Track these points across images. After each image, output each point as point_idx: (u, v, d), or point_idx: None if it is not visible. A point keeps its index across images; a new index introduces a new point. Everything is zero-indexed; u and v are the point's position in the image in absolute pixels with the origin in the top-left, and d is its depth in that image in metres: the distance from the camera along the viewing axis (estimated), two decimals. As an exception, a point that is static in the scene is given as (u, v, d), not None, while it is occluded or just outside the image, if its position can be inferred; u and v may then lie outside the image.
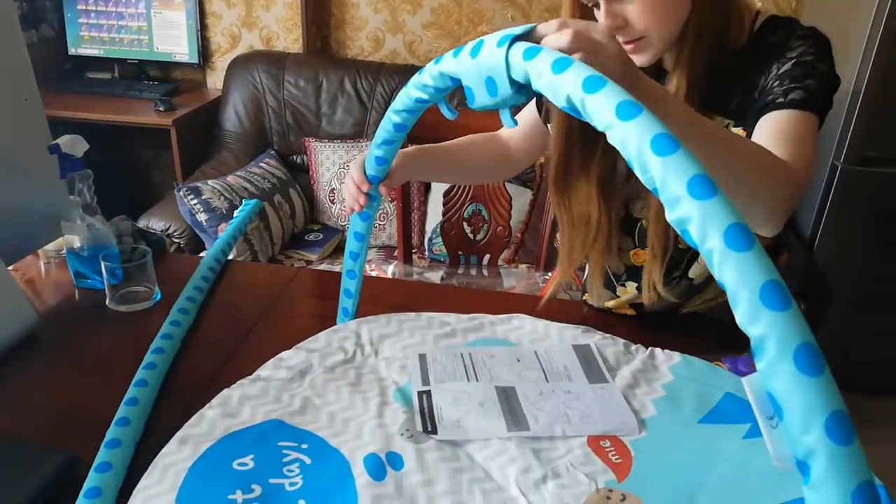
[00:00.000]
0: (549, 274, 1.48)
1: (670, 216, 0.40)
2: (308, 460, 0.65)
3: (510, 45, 0.52)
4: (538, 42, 0.53)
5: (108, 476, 0.63)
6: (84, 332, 0.94)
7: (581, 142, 0.86)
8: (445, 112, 0.65)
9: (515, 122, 0.58)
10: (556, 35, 0.53)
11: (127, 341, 0.92)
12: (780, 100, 0.74)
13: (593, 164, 0.87)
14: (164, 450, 0.66)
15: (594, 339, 0.86)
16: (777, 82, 0.76)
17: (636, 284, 0.96)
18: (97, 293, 0.99)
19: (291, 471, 0.64)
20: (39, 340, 0.90)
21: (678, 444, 0.68)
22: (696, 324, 1.01)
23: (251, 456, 0.65)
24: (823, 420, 0.33)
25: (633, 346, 0.85)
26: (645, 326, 0.98)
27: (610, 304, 1.01)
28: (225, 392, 0.74)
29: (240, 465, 0.64)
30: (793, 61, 0.77)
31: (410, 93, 0.65)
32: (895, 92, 1.73)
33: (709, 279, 0.95)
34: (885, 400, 2.05)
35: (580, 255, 0.93)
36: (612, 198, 0.90)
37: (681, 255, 0.93)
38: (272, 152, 2.33)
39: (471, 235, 1.59)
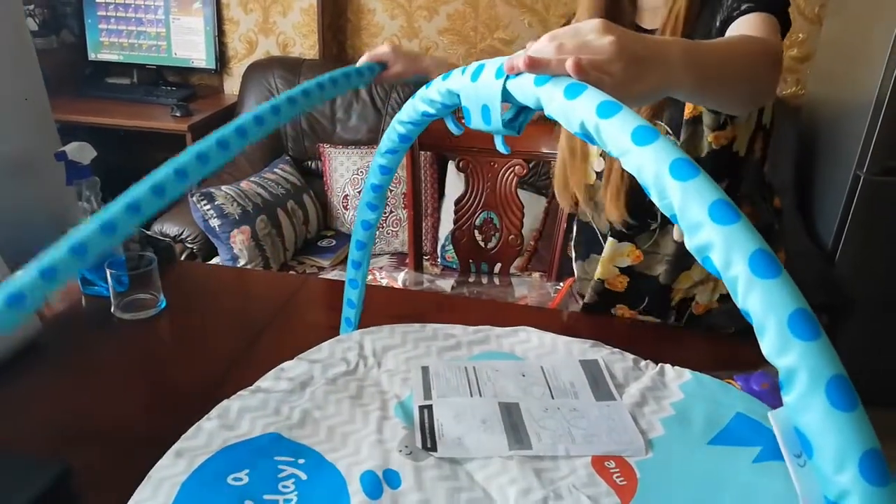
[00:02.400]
0: (561, 284, 1.46)
1: (690, 242, 0.38)
2: (304, 476, 0.64)
3: (507, 78, 0.51)
4: None
5: None
6: (88, 339, 0.94)
7: None
8: (452, 127, 0.64)
9: (508, 150, 0.58)
10: (535, 49, 0.51)
11: (131, 349, 0.92)
12: (740, 9, 0.82)
13: None
14: (159, 463, 0.65)
15: (602, 353, 0.84)
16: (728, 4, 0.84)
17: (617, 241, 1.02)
18: (103, 300, 0.99)
19: (287, 487, 0.62)
20: (44, 348, 0.90)
21: (686, 466, 0.66)
22: (707, 338, 0.98)
23: (246, 471, 0.64)
24: (858, 458, 0.31)
25: (643, 363, 0.83)
26: (656, 340, 0.96)
27: (599, 272, 1.05)
28: (224, 403, 0.73)
29: (234, 479, 0.63)
30: None
31: (417, 106, 0.64)
32: (920, 100, 1.68)
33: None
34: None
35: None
36: None
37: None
38: (287, 158, 2.34)
39: (482, 244, 1.58)
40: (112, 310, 0.97)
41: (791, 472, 0.38)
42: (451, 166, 2.18)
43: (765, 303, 0.33)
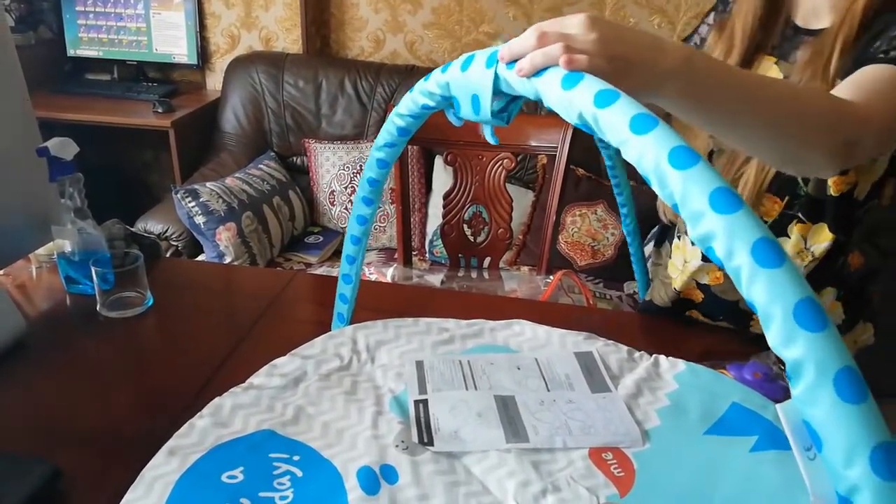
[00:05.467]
0: (551, 277, 1.46)
1: (693, 233, 0.38)
2: (300, 473, 0.63)
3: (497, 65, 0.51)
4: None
5: None
6: (74, 338, 0.92)
7: None
8: (452, 119, 0.63)
9: (497, 140, 0.57)
10: (519, 39, 0.50)
11: (118, 348, 0.90)
12: (881, 55, 0.70)
13: None
14: (151, 462, 0.64)
15: (596, 345, 0.84)
16: (885, 42, 0.71)
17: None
18: (88, 298, 0.97)
19: (282, 484, 0.61)
20: (28, 347, 0.88)
21: (683, 456, 0.66)
22: (697, 329, 0.99)
23: (241, 468, 0.63)
24: (868, 452, 0.30)
25: (637, 354, 0.83)
26: (648, 331, 0.96)
27: (678, 284, 0.98)
28: (216, 401, 0.72)
29: (229, 477, 0.62)
30: None
31: (416, 99, 0.63)
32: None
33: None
34: None
35: None
36: None
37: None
38: (271, 154, 2.32)
39: (471, 238, 1.57)
40: (98, 308, 0.95)
41: (800, 466, 0.37)
42: (438, 160, 2.17)
43: (770, 293, 0.33)
